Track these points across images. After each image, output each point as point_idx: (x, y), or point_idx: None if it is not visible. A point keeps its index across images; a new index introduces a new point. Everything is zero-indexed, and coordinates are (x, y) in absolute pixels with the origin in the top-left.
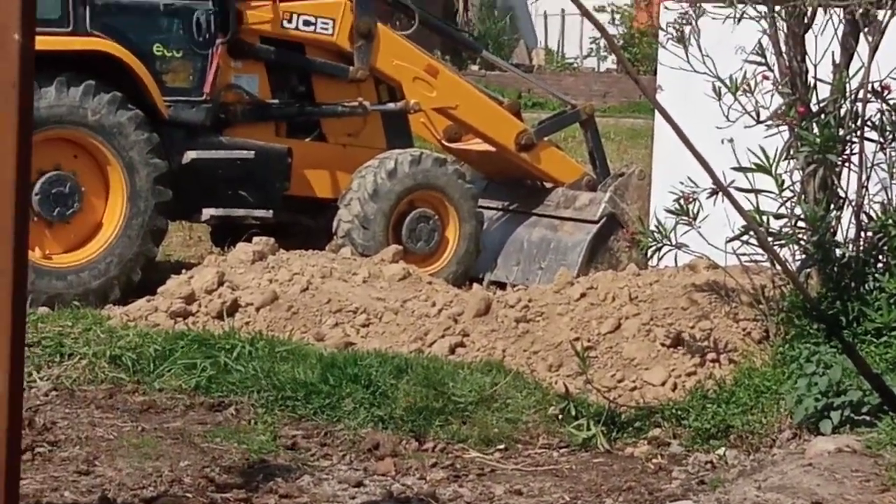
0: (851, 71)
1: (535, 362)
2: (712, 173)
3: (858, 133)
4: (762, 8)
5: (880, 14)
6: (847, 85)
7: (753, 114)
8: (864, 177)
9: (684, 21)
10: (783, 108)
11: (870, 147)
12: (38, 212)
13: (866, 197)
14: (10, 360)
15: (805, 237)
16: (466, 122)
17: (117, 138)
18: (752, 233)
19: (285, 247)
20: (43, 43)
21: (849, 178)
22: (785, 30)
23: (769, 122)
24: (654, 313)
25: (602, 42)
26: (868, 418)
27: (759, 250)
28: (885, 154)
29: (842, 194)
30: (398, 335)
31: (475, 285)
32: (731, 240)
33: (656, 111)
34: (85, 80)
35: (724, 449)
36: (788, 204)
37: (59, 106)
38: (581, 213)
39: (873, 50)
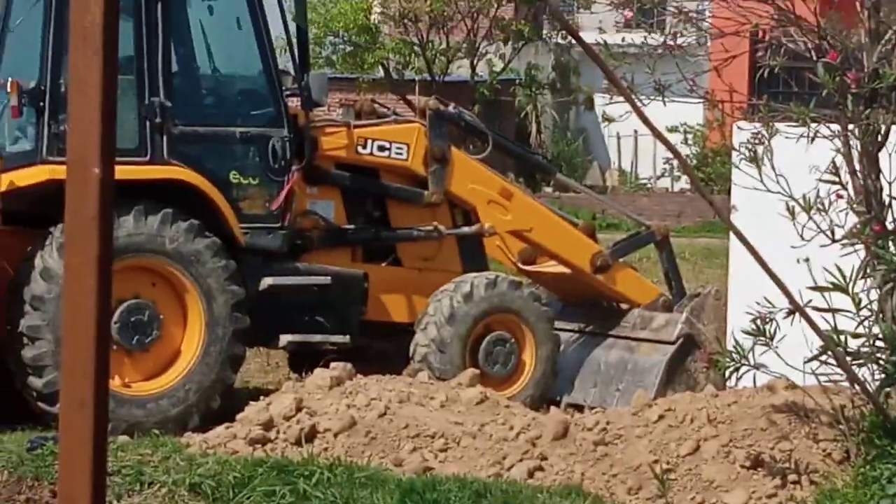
0: None
1: (614, 485)
2: (788, 293)
3: None
4: (835, 127)
5: None
6: None
7: (828, 233)
8: None
9: (757, 141)
10: (858, 226)
11: None
12: (117, 340)
13: None
14: (92, 491)
15: (884, 356)
16: (541, 245)
17: (195, 266)
18: (830, 352)
19: (363, 371)
20: (121, 172)
21: None
22: (858, 148)
23: (844, 241)
24: (733, 435)
25: (675, 162)
26: None
27: (838, 370)
28: None
29: None
30: (476, 459)
31: (553, 408)
32: (810, 360)
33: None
34: (163, 209)
35: None
36: (866, 323)
37: (138, 234)
38: (658, 334)
39: None
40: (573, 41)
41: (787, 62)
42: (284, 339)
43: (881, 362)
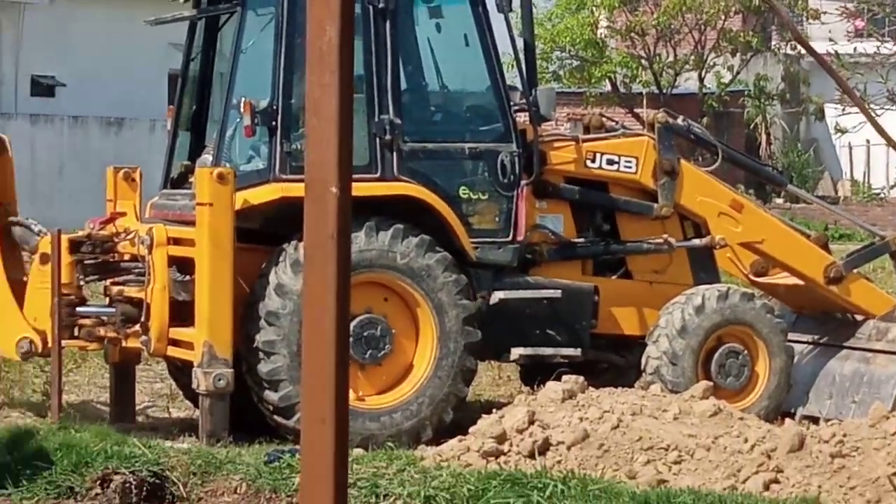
0: None
1: (852, 498)
2: None
3: None
4: None
5: None
6: None
7: None
8: None
9: None
10: None
11: None
12: (351, 355)
13: None
14: (335, 503)
15: None
16: (773, 257)
17: (426, 280)
18: None
19: (594, 385)
20: (352, 189)
21: None
22: None
23: None
24: None
25: None
26: None
27: None
28: None
29: None
30: (711, 472)
31: (787, 420)
32: None
33: None
34: (393, 224)
35: None
36: None
37: (370, 250)
38: (894, 345)
39: None
40: (803, 51)
41: None
42: (516, 352)
43: None
